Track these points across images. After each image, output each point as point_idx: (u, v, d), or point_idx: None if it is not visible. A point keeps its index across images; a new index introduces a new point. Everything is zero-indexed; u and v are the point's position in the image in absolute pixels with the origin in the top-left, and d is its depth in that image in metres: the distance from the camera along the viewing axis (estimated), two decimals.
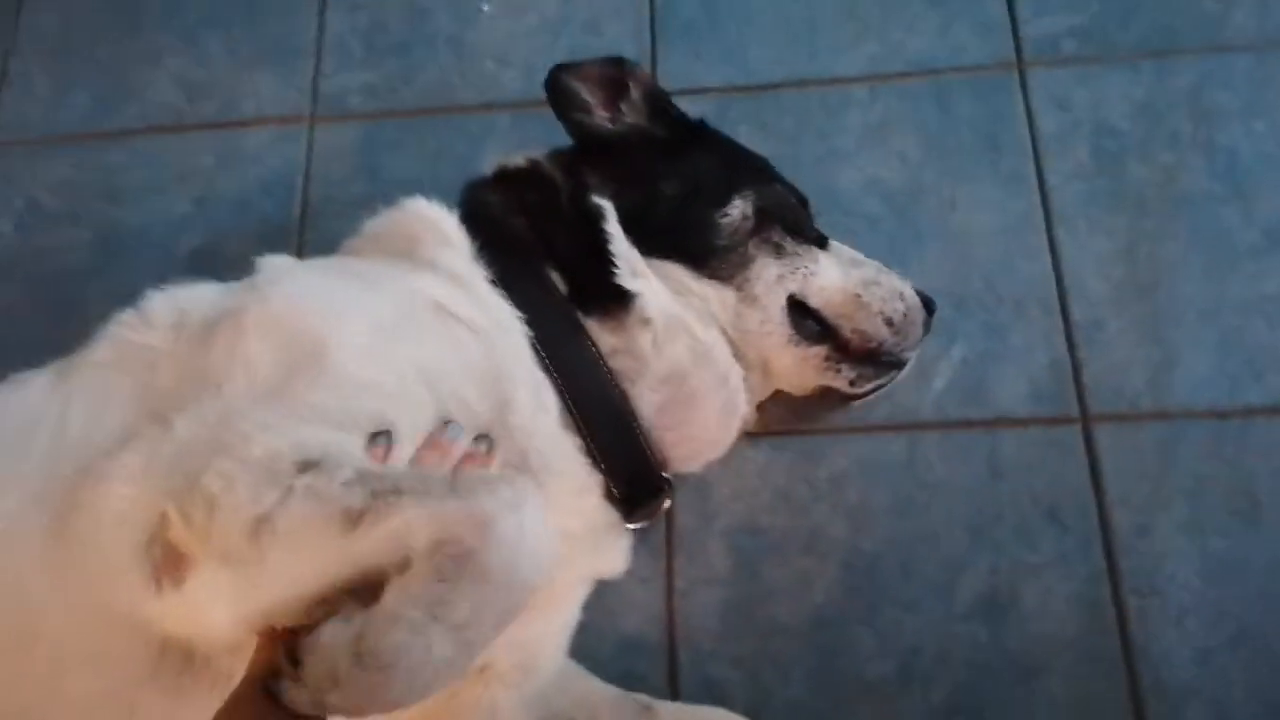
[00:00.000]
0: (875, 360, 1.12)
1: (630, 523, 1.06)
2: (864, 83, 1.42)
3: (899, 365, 1.15)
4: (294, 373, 0.84)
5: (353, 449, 0.79)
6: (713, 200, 1.07)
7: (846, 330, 1.10)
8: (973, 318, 1.28)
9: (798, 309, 1.09)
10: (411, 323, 0.91)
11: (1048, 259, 1.30)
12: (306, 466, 0.74)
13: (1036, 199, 1.33)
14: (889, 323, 1.10)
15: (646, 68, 1.47)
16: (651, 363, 1.01)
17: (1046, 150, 1.35)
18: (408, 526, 0.69)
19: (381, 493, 0.71)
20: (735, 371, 1.07)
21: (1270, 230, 1.28)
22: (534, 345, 0.97)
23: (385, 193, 1.40)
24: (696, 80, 1.46)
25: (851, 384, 1.13)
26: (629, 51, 1.48)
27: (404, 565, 0.69)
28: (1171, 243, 1.29)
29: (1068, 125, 1.36)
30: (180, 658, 0.83)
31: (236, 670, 0.78)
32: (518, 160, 1.15)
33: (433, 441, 0.86)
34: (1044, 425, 1.22)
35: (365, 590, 0.70)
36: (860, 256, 1.16)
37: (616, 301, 1.01)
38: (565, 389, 0.97)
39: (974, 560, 1.17)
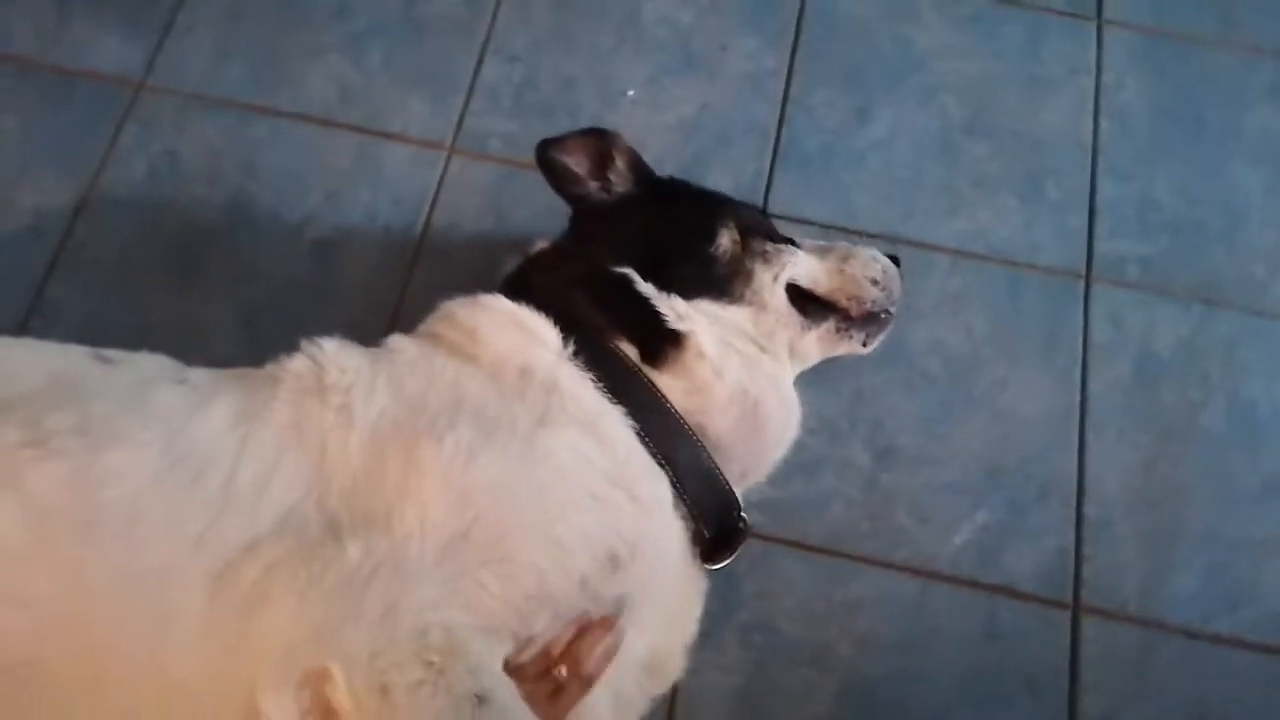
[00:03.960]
0: (875, 319, 1.31)
1: (714, 564, 1.18)
2: (949, 253, 1.58)
3: (891, 314, 1.34)
4: (467, 539, 0.94)
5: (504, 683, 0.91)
6: (705, 238, 1.23)
7: (843, 301, 1.29)
8: (1000, 490, 1.43)
9: (798, 297, 1.27)
10: (572, 497, 1.01)
11: (1075, 456, 1.45)
12: (482, 701, 0.86)
13: (1077, 400, 1.48)
14: (875, 283, 1.30)
15: (761, 188, 1.62)
16: (717, 391, 1.15)
17: (1094, 358, 1.51)
18: None
19: None
20: (778, 370, 1.24)
21: (1270, 483, 1.44)
22: (641, 439, 1.09)
23: (505, 237, 1.56)
24: (801, 210, 1.60)
25: (864, 344, 1.33)
26: (748, 169, 1.64)
27: None
28: (1186, 470, 1.45)
29: (1118, 341, 1.53)
30: None
31: None
32: (541, 244, 1.29)
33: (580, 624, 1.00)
34: (1040, 604, 1.37)
35: None
36: (826, 243, 1.35)
37: (673, 346, 1.15)
38: (672, 472, 1.10)
39: (956, 709, 1.31)
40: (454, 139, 1.63)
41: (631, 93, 1.67)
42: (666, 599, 1.11)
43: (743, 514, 1.20)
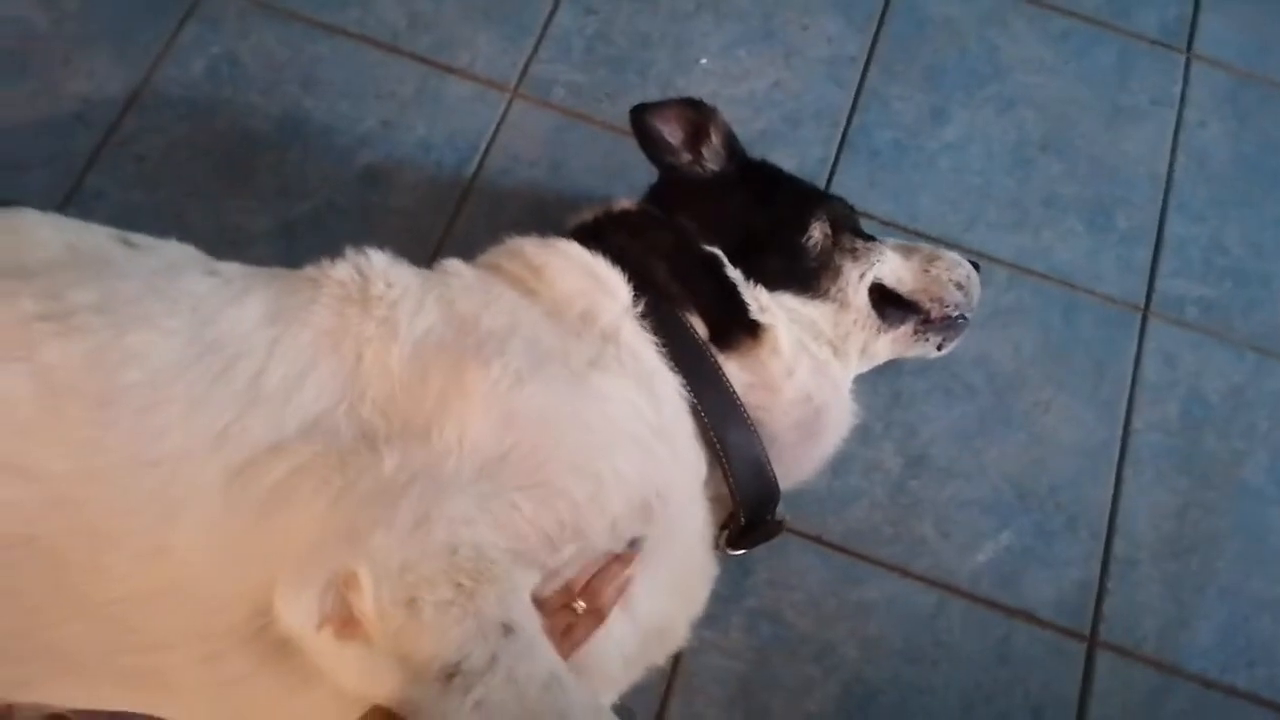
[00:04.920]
0: (952, 323, 1.29)
1: (737, 549, 1.16)
2: (1007, 268, 1.54)
3: (967, 320, 1.32)
4: (505, 461, 0.91)
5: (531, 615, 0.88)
6: (796, 229, 1.20)
7: (926, 303, 1.27)
8: (1029, 514, 1.39)
9: (881, 298, 1.24)
10: (614, 437, 0.98)
11: (1110, 490, 1.41)
12: (508, 631, 0.83)
13: (1119, 434, 1.45)
14: (959, 287, 1.28)
15: (825, 174, 1.58)
16: (784, 390, 1.12)
17: (1141, 395, 1.47)
18: None
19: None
20: (844, 376, 1.22)
21: None
22: (696, 413, 1.06)
23: (557, 188, 1.52)
24: (863, 203, 1.54)
25: (939, 348, 1.31)
26: (814, 154, 1.59)
27: None
28: (1219, 520, 1.41)
29: (1167, 380, 1.49)
30: (281, 636, 0.87)
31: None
32: (625, 204, 1.25)
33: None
34: (1056, 633, 1.33)
35: None
36: (908, 243, 1.32)
37: (748, 335, 1.12)
38: (722, 451, 1.07)
39: None
40: (518, 82, 1.59)
41: (705, 60, 1.63)
42: (679, 567, 1.08)
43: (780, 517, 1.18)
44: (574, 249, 1.12)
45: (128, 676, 0.92)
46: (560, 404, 0.97)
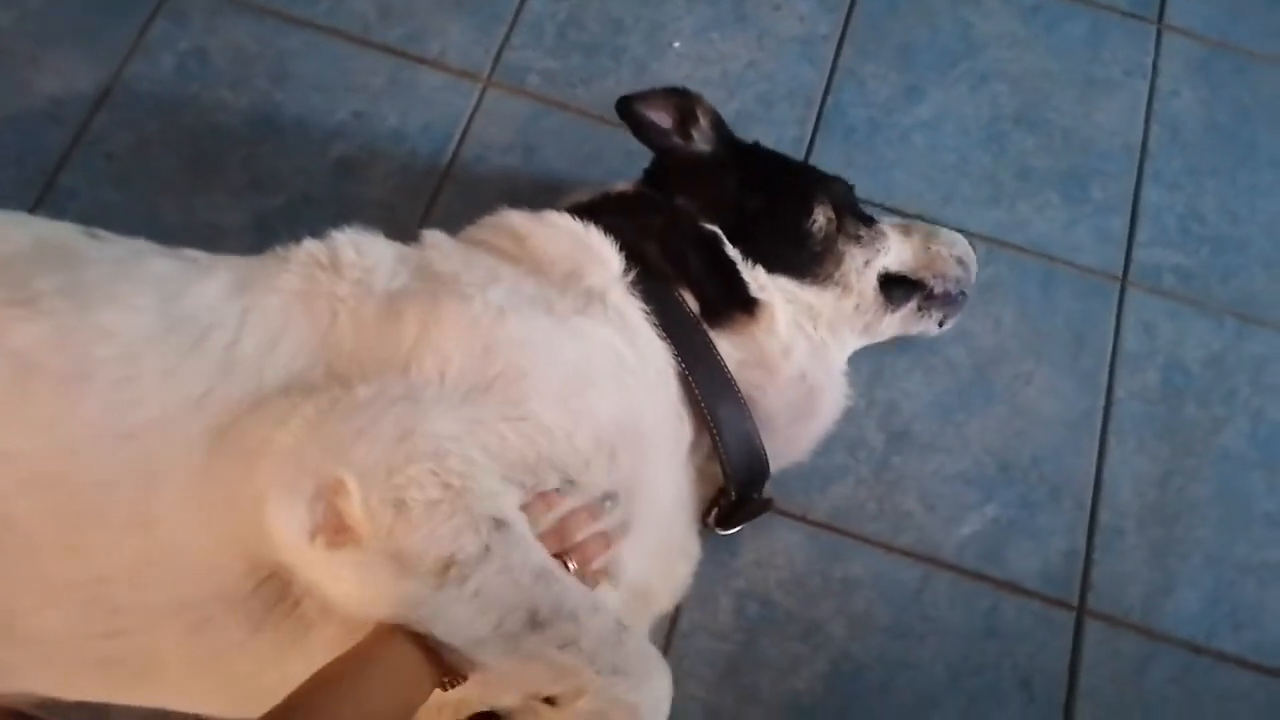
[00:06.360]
0: (953, 299, 1.32)
1: (725, 529, 1.17)
2: (985, 242, 1.53)
3: (967, 295, 1.35)
4: (489, 391, 0.90)
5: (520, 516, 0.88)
6: (798, 211, 1.20)
7: (929, 280, 1.29)
8: (1012, 486, 1.39)
9: (887, 279, 1.26)
10: (595, 375, 0.98)
11: (1094, 460, 1.41)
12: (499, 525, 0.83)
13: (1100, 404, 1.45)
14: (960, 262, 1.31)
15: (800, 154, 1.57)
16: (781, 369, 1.13)
17: (1122, 364, 1.48)
18: (577, 675, 0.82)
19: (563, 613, 0.82)
20: (839, 360, 1.23)
21: None
22: (684, 380, 1.06)
23: (533, 175, 1.52)
24: None
25: (940, 324, 1.32)
26: (789, 134, 1.59)
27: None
28: (1201, 486, 1.41)
29: (1147, 349, 1.49)
30: (274, 594, 0.87)
31: (320, 620, 0.87)
32: (622, 186, 1.25)
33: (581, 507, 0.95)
34: (1044, 603, 1.33)
35: None
36: (905, 222, 1.34)
37: (743, 313, 1.12)
38: (712, 424, 1.06)
39: (946, 701, 1.27)
40: (491, 71, 1.59)
41: (678, 44, 1.63)
42: (659, 527, 1.06)
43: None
44: (563, 219, 1.11)
45: (110, 662, 0.91)
46: (543, 336, 0.96)
